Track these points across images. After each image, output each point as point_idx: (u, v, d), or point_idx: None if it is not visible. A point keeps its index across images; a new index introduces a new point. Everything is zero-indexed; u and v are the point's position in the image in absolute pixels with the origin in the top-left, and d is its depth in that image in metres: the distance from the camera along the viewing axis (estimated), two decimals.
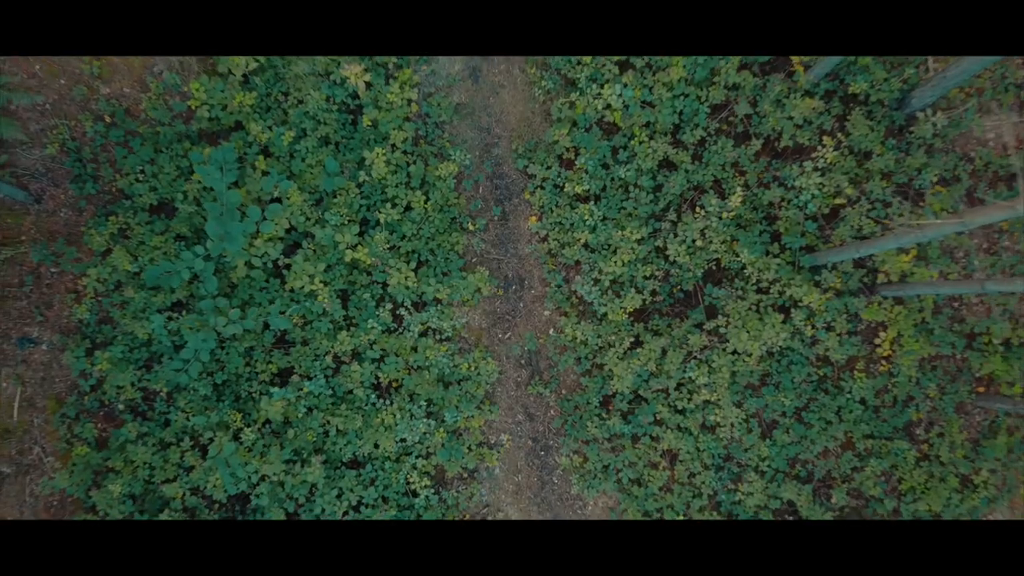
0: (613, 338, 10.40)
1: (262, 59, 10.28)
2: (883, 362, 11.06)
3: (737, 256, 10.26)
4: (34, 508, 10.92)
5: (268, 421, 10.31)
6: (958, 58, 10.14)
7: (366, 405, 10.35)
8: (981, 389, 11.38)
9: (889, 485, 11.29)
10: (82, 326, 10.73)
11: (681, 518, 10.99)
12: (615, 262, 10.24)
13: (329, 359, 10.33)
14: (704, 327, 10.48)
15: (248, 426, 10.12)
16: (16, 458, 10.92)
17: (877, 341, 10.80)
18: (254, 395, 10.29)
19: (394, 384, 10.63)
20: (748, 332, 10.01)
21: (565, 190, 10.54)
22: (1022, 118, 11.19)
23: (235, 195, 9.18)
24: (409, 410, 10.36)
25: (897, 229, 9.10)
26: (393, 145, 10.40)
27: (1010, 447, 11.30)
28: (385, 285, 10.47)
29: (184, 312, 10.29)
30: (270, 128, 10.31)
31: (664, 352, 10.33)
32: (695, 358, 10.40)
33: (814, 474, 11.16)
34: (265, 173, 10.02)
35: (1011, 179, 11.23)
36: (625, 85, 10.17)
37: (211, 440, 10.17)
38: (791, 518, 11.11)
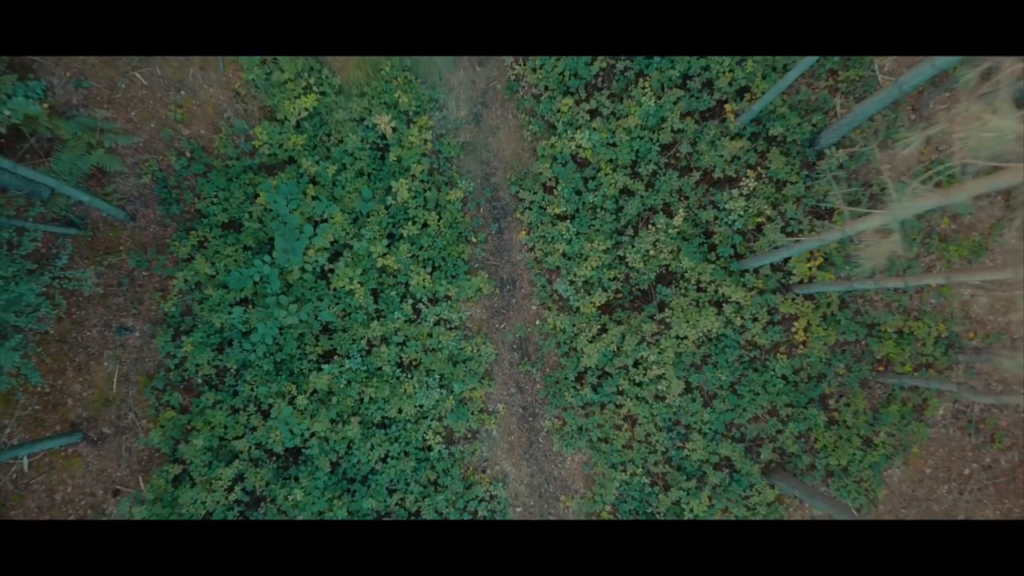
0: (584, 326, 13.28)
1: (310, 107, 13.12)
2: (800, 346, 13.90)
3: (681, 263, 13.11)
4: (128, 461, 13.79)
5: (316, 390, 13.17)
6: (857, 104, 12.97)
7: (392, 378, 13.22)
8: (880, 368, 14.21)
9: (806, 444, 14.12)
10: (167, 317, 13.59)
11: (641, 473, 13.84)
12: (586, 267, 13.11)
13: (364, 343, 13.21)
14: (655, 317, 13.35)
15: (301, 394, 12.97)
16: (115, 422, 13.80)
17: (793, 329, 13.66)
18: (305, 371, 13.16)
19: (414, 362, 13.51)
20: (688, 322, 12.88)
21: (547, 211, 13.41)
22: (910, 152, 14.02)
23: (296, 218, 12.07)
24: (426, 382, 13.23)
25: (786, 242, 11.94)
26: (413, 176, 13.26)
27: (903, 414, 14.13)
28: (407, 285, 13.34)
29: (250, 306, 13.17)
30: (317, 162, 13.14)
31: (623, 337, 13.19)
32: (647, 342, 13.27)
33: (746, 435, 14.00)
34: (315, 198, 12.90)
35: None
36: (594, 129, 13.05)
37: (271, 405, 13.05)
38: (727, 470, 13.96)
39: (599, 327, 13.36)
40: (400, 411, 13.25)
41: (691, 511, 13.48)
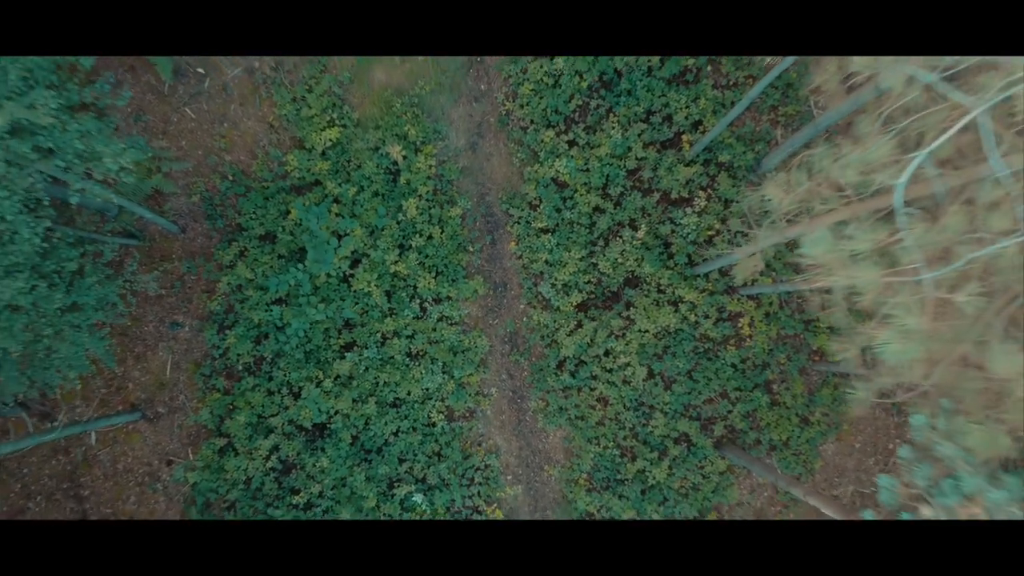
0: (563, 322, 15.83)
1: (334, 138, 15.63)
2: (747, 339, 16.43)
3: (644, 269, 15.63)
4: (179, 436, 16.32)
5: (339, 375, 15.68)
6: (793, 134, 15.46)
7: (403, 366, 15.75)
8: (816, 358, 16.73)
9: (752, 422, 16.65)
10: (213, 315, 16.11)
11: (612, 446, 16.36)
12: (565, 272, 15.64)
13: (379, 336, 15.75)
14: (623, 315, 15.89)
15: (327, 379, 15.49)
16: (168, 402, 16.33)
17: (740, 325, 16.19)
18: (330, 359, 15.69)
19: (421, 352, 16.05)
20: (650, 318, 15.43)
21: (533, 225, 15.96)
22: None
23: (324, 233, 14.62)
24: (431, 369, 15.76)
25: (727, 252, 14.48)
26: (420, 196, 15.78)
27: (835, 397, 16.63)
28: (415, 287, 15.87)
29: (284, 305, 15.70)
30: (340, 185, 15.64)
31: (596, 331, 15.73)
32: (616, 335, 15.82)
33: (701, 414, 16.52)
34: (338, 215, 15.44)
35: None
36: (571, 157, 15.59)
37: (302, 388, 15.58)
38: (685, 444, 16.49)
39: (576, 323, 15.90)
40: (409, 393, 15.77)
41: (654, 478, 16.01)
